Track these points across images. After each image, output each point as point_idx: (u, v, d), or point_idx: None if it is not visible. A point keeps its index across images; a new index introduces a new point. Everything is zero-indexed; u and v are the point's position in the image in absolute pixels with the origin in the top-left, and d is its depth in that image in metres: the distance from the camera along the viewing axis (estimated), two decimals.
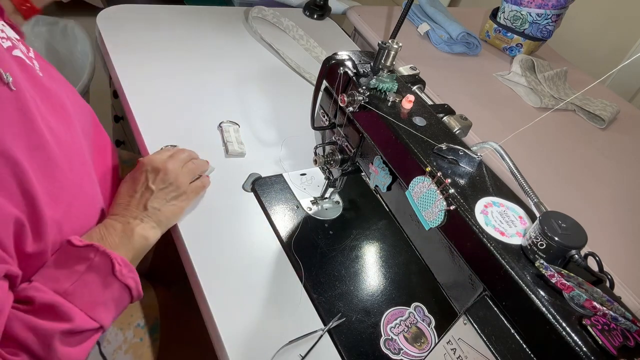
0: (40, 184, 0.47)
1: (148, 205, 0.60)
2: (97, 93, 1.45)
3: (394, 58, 0.58)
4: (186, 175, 0.65)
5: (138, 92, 0.84)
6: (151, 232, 0.59)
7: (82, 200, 0.55)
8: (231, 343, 0.56)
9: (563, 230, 0.41)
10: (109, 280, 0.50)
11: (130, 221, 0.58)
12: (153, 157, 0.64)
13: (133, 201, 0.60)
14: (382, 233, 0.76)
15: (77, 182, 0.54)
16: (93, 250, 0.50)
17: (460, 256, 0.46)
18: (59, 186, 0.50)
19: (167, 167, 0.63)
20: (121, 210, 0.59)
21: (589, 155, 1.03)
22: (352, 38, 1.29)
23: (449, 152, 0.50)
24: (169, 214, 0.62)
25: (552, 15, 1.21)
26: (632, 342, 0.37)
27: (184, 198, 0.64)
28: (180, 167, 0.65)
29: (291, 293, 0.63)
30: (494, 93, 1.15)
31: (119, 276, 0.51)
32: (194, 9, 1.14)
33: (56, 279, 0.48)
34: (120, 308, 0.53)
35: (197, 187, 0.67)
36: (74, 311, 0.47)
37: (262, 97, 0.94)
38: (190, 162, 0.67)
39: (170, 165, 0.63)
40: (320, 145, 0.70)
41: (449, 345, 0.47)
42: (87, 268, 0.49)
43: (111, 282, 0.51)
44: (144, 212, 0.60)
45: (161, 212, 0.61)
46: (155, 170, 0.62)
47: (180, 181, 0.63)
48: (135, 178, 0.62)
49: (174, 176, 0.63)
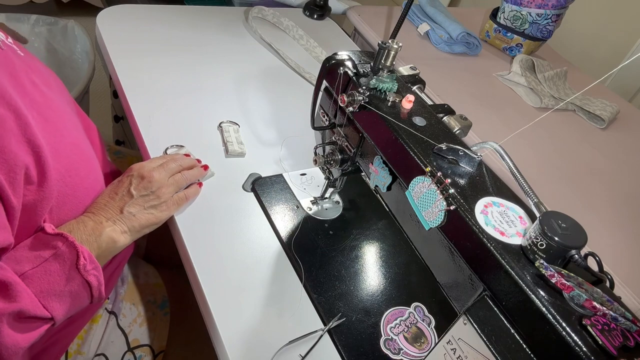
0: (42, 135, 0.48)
1: (124, 209, 0.59)
2: (97, 93, 1.45)
3: (394, 58, 0.58)
4: (170, 186, 0.64)
5: (138, 92, 0.84)
6: (121, 236, 0.58)
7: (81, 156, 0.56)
8: (231, 343, 0.56)
9: (563, 230, 0.41)
10: (71, 272, 0.50)
11: (102, 221, 0.57)
12: (143, 164, 0.64)
13: (111, 202, 0.60)
14: (382, 233, 0.76)
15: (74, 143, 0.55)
16: (61, 240, 0.50)
17: (460, 256, 0.46)
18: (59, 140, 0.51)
19: (152, 175, 0.63)
20: (97, 209, 0.59)
21: (589, 155, 1.03)
22: (352, 38, 1.29)
23: (449, 152, 0.50)
24: (144, 221, 0.61)
25: (552, 15, 1.21)
26: (632, 342, 0.37)
27: (163, 209, 0.63)
28: (167, 177, 0.64)
29: (291, 293, 0.63)
30: (494, 93, 1.15)
31: (82, 271, 0.50)
32: (194, 9, 1.14)
33: (20, 261, 0.48)
34: (77, 304, 0.52)
35: (179, 199, 0.66)
36: (26, 294, 0.46)
37: (262, 97, 0.94)
38: (179, 173, 0.67)
39: (156, 174, 0.63)
40: (320, 145, 0.70)
41: (449, 345, 0.47)
42: (51, 256, 0.49)
43: (73, 276, 0.50)
44: (119, 214, 0.59)
45: (135, 218, 0.60)
46: (140, 177, 0.62)
47: (163, 191, 0.63)
48: (120, 181, 0.63)
49: (157, 185, 0.62)
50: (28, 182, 0.47)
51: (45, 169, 0.48)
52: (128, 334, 0.69)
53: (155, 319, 0.72)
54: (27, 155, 0.46)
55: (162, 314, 0.73)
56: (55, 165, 0.50)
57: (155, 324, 0.72)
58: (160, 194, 0.62)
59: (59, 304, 0.49)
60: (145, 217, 0.61)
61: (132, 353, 0.68)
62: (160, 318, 0.73)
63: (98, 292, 0.53)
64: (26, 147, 0.46)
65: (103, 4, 2.10)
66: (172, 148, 0.75)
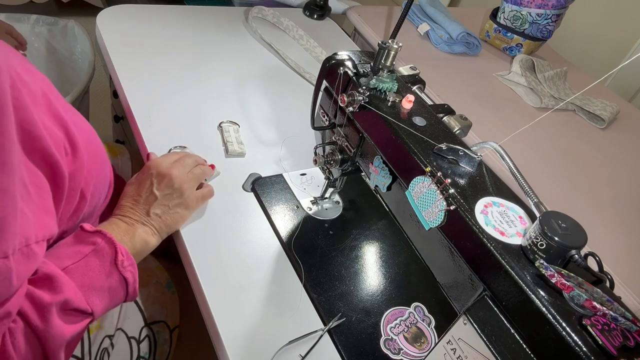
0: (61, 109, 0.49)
1: (150, 211, 0.60)
2: (97, 93, 1.45)
3: (394, 58, 0.58)
4: (191, 181, 0.65)
5: (138, 92, 0.84)
6: (152, 237, 0.60)
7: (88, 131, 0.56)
8: (231, 343, 0.56)
9: (563, 230, 0.41)
10: (109, 268, 0.51)
11: (134, 223, 0.59)
12: (159, 161, 0.64)
13: (137, 205, 0.61)
14: (382, 233, 0.76)
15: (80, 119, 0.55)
16: (100, 236, 0.52)
17: (460, 256, 0.46)
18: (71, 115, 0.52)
19: (172, 172, 0.63)
20: (125, 211, 0.60)
21: (589, 155, 1.03)
22: (352, 38, 1.29)
23: (449, 152, 0.50)
24: (170, 221, 0.62)
25: (552, 15, 1.21)
26: (632, 342, 0.37)
27: (189, 205, 0.64)
28: (186, 173, 0.64)
29: (291, 293, 0.63)
30: (494, 93, 1.15)
31: (120, 267, 0.52)
32: (194, 9, 1.14)
33: (60, 257, 0.49)
34: (114, 301, 0.53)
35: (203, 195, 0.67)
36: (70, 286, 0.47)
37: (262, 97, 0.94)
38: (197, 167, 0.67)
39: (175, 171, 0.63)
40: (320, 145, 0.70)
41: (449, 345, 0.47)
42: (91, 251, 0.50)
43: (111, 271, 0.51)
44: (146, 217, 0.60)
45: (162, 219, 0.61)
46: (161, 175, 0.62)
47: (185, 187, 0.63)
48: (141, 181, 0.63)
49: (179, 182, 0.63)
50: (65, 154, 0.48)
51: (74, 140, 0.49)
52: (144, 311, 0.69)
53: (165, 298, 0.73)
54: (59, 129, 0.47)
55: (170, 292, 0.74)
56: (80, 135, 0.51)
57: (166, 301, 0.73)
58: (183, 191, 0.63)
59: (99, 299, 0.50)
60: (171, 217, 0.62)
61: (150, 328, 0.69)
62: (170, 297, 0.74)
63: (133, 288, 0.54)
64: (56, 122, 0.47)
65: (103, 4, 2.10)
66: (175, 149, 0.75)
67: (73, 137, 0.49)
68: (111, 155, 0.90)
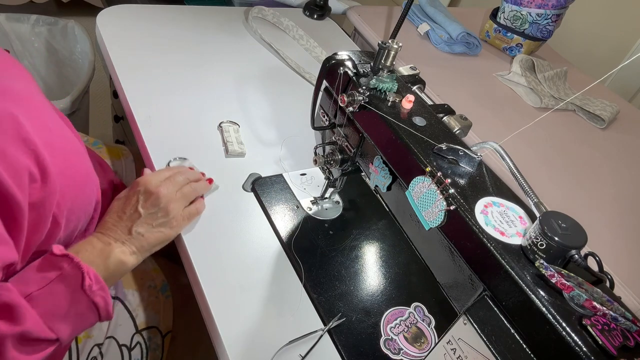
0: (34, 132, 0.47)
1: (133, 229, 0.58)
2: (97, 93, 1.45)
3: (394, 58, 0.58)
4: (179, 200, 0.63)
5: (138, 92, 0.84)
6: (130, 257, 0.58)
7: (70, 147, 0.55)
8: (231, 343, 0.56)
9: (563, 230, 0.41)
10: (76, 294, 0.49)
11: (111, 242, 0.57)
12: (149, 179, 0.63)
13: (120, 223, 0.59)
14: (382, 233, 0.76)
15: (60, 134, 0.54)
16: (67, 261, 0.50)
17: (460, 256, 0.46)
18: (49, 134, 0.50)
19: (159, 191, 0.61)
20: (106, 229, 0.58)
21: (589, 155, 1.03)
22: (352, 38, 1.29)
23: (449, 152, 0.50)
24: (153, 240, 0.60)
25: (552, 15, 1.21)
26: (632, 342, 0.37)
27: (173, 225, 0.62)
28: (175, 191, 0.62)
29: (291, 293, 0.63)
30: (494, 93, 1.15)
31: (88, 291, 0.50)
32: (194, 9, 1.14)
33: (26, 282, 0.48)
34: (84, 324, 0.52)
35: (190, 214, 0.64)
36: (31, 316, 0.45)
37: (262, 97, 0.94)
38: (187, 185, 0.65)
39: (163, 190, 0.61)
40: (320, 145, 0.70)
41: (449, 345, 0.47)
42: (57, 277, 0.49)
43: (78, 297, 0.50)
44: (127, 235, 0.58)
45: (144, 237, 0.59)
46: (148, 193, 0.61)
47: (171, 207, 0.61)
48: (127, 198, 0.61)
49: (166, 201, 0.61)
50: (32, 180, 0.47)
51: (44, 165, 0.48)
52: (135, 317, 0.69)
53: (158, 302, 0.72)
54: (26, 155, 0.46)
55: (165, 297, 0.74)
56: (52, 160, 0.50)
57: (159, 306, 0.72)
58: (168, 210, 0.61)
59: (65, 325, 0.49)
60: (154, 235, 0.60)
61: (141, 335, 0.69)
62: (164, 301, 0.73)
63: (106, 312, 0.52)
64: (23, 147, 0.46)
65: (103, 4, 2.10)
66: (176, 161, 0.74)
67: (43, 161, 0.47)
68: (114, 158, 0.90)
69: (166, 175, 0.64)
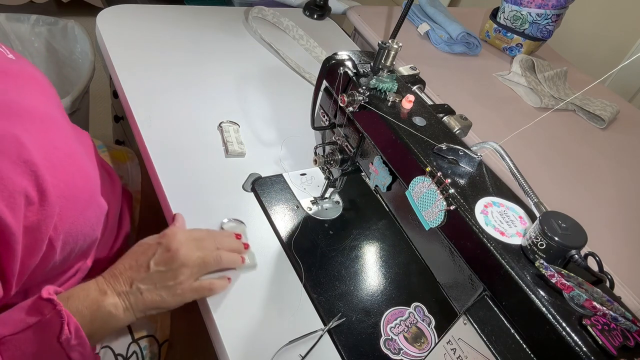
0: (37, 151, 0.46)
1: (134, 283, 0.54)
2: (97, 93, 1.45)
3: (394, 58, 0.58)
4: (195, 267, 0.56)
5: (138, 92, 0.84)
6: (122, 313, 0.53)
7: (76, 166, 0.54)
8: (231, 343, 0.56)
9: (563, 230, 0.41)
10: (52, 344, 0.46)
11: (107, 292, 0.53)
12: (176, 233, 0.57)
13: (128, 271, 0.55)
14: (382, 233, 0.76)
15: (68, 152, 0.53)
16: (50, 307, 0.46)
17: (460, 256, 0.46)
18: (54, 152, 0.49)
19: (178, 251, 0.55)
20: (112, 275, 0.55)
21: (589, 155, 1.03)
22: (352, 38, 1.29)
23: (449, 152, 0.50)
24: (148, 302, 0.54)
25: (552, 15, 1.21)
26: (632, 342, 0.37)
27: (177, 293, 0.55)
28: (196, 256, 0.56)
29: (291, 293, 0.63)
30: (494, 93, 1.15)
31: (64, 344, 0.46)
32: (194, 9, 1.14)
33: (6, 322, 0.45)
34: None
35: (199, 288, 0.57)
36: None
37: (262, 97, 0.94)
38: (214, 254, 0.58)
39: (183, 250, 0.55)
40: (320, 145, 0.70)
41: (449, 345, 0.47)
42: (36, 323, 0.46)
43: (53, 347, 0.46)
44: (127, 287, 0.54)
45: (142, 296, 0.54)
46: (167, 249, 0.55)
47: (182, 272, 0.55)
48: (148, 247, 0.57)
49: (180, 263, 0.55)
50: (29, 203, 0.45)
51: (44, 187, 0.46)
52: (131, 326, 0.68)
53: None
54: (24, 177, 0.45)
55: None
56: (53, 181, 0.48)
57: (156, 315, 0.70)
58: (178, 274, 0.55)
59: None
60: (151, 297, 0.54)
61: (137, 344, 0.68)
62: None
63: None
64: (23, 168, 0.44)
65: (103, 4, 2.10)
66: (230, 222, 0.67)
67: (43, 183, 0.46)
68: (119, 162, 0.89)
69: (197, 236, 0.58)
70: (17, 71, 0.54)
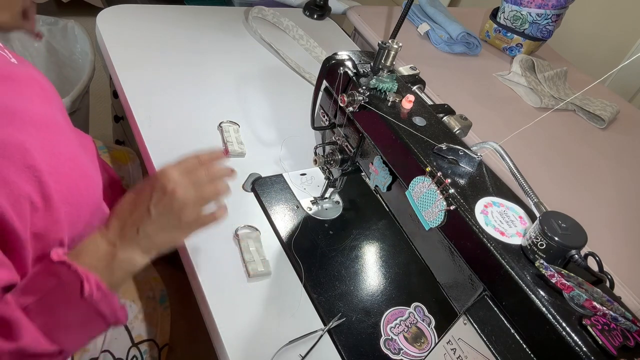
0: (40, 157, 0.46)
1: (140, 229, 0.54)
2: (97, 93, 1.45)
3: (394, 58, 0.58)
4: (195, 206, 0.57)
5: (138, 92, 0.84)
6: (138, 257, 0.54)
7: (79, 172, 0.53)
8: (231, 343, 0.56)
9: (563, 230, 0.41)
10: (77, 302, 0.46)
11: (116, 242, 0.53)
12: (168, 173, 0.56)
13: (129, 219, 0.54)
14: (382, 233, 0.76)
15: (71, 158, 0.53)
16: (64, 267, 0.47)
17: (460, 256, 0.46)
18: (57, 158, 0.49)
19: (175, 192, 0.55)
20: (113, 227, 0.54)
21: (589, 155, 1.03)
22: (352, 38, 1.29)
23: (449, 152, 0.50)
24: (160, 243, 0.55)
25: (552, 15, 1.21)
26: (632, 342, 0.37)
27: (185, 230, 0.57)
28: (193, 195, 0.56)
29: (291, 293, 0.63)
30: (494, 93, 1.15)
31: (89, 300, 0.47)
32: (194, 9, 1.14)
33: (25, 292, 0.45)
34: (93, 333, 0.49)
35: (205, 222, 0.58)
36: (28, 331, 0.43)
37: (262, 97, 0.94)
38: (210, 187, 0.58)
39: (180, 192, 0.55)
40: (320, 145, 0.70)
41: (449, 345, 0.47)
42: (55, 285, 0.46)
43: (79, 305, 0.47)
44: (135, 235, 0.54)
45: (152, 240, 0.54)
46: (163, 192, 0.54)
47: (185, 214, 0.55)
48: (141, 192, 0.56)
49: (180, 206, 0.55)
50: (34, 210, 0.45)
51: (48, 193, 0.46)
52: (131, 330, 0.69)
53: (155, 314, 0.72)
54: (28, 183, 0.45)
55: (162, 308, 0.73)
56: (57, 187, 0.48)
57: (157, 319, 0.71)
58: (181, 215, 0.55)
59: (68, 335, 0.46)
60: (162, 238, 0.55)
61: (137, 348, 0.68)
62: (161, 313, 0.73)
63: (114, 318, 0.49)
64: (27, 174, 0.44)
65: (103, 4, 2.10)
66: (245, 229, 0.69)
67: (47, 189, 0.46)
68: (120, 163, 0.89)
69: (188, 167, 0.58)
70: (20, 76, 0.54)
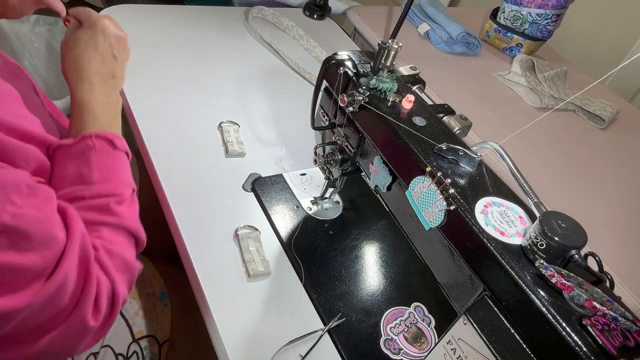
0: None
1: (114, 73, 0.59)
2: None
3: (394, 58, 0.58)
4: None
5: (138, 92, 0.84)
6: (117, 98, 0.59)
7: None
8: (231, 343, 0.56)
9: (563, 230, 0.41)
10: (116, 154, 0.53)
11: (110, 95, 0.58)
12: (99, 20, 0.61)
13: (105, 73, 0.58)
14: (382, 233, 0.76)
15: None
16: (88, 138, 0.51)
17: (460, 256, 0.46)
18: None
19: (121, 31, 0.61)
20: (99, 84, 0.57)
21: (589, 155, 1.03)
22: (352, 38, 1.29)
23: (449, 152, 0.50)
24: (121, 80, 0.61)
25: (552, 15, 1.21)
26: (632, 342, 0.37)
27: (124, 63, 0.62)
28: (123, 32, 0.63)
29: (291, 293, 0.63)
30: (494, 93, 1.15)
31: (122, 148, 0.54)
32: (194, 9, 1.14)
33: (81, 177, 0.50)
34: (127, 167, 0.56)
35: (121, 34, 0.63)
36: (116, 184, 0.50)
37: (262, 97, 0.94)
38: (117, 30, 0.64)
39: (122, 32, 0.62)
40: (320, 145, 0.70)
41: (449, 345, 0.47)
42: (96, 153, 0.51)
43: (119, 155, 0.54)
44: (112, 80, 0.59)
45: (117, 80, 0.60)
46: (118, 37, 0.60)
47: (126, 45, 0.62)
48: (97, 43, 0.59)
49: (126, 40, 0.62)
50: None
51: None
52: (132, 326, 0.69)
53: (156, 311, 0.72)
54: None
55: (163, 305, 0.73)
56: None
57: (157, 315, 0.72)
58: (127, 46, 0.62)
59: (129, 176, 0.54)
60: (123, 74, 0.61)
61: (138, 344, 0.68)
62: (161, 309, 0.73)
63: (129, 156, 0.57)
64: None
65: (103, 4, 2.10)
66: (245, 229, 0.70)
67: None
68: None
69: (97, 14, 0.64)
70: None
